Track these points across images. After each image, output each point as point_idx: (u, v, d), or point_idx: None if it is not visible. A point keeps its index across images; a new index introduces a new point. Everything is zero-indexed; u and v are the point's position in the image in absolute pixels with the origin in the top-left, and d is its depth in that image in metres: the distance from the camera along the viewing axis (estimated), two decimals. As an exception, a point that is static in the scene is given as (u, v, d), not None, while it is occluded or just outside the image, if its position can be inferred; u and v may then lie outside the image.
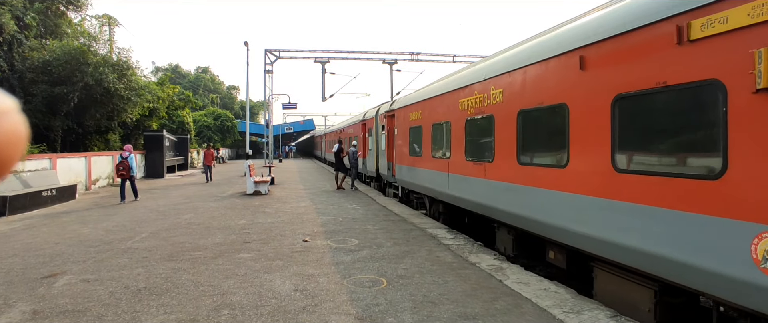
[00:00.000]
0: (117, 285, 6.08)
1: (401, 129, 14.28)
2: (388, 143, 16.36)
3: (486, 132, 8.25)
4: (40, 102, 19.18)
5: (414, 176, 12.85)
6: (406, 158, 13.65)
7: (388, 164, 16.38)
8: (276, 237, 9.14)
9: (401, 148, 14.23)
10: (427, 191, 11.90)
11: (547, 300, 5.45)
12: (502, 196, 7.61)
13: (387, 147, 16.52)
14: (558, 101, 6.08)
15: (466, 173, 9.01)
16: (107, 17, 26.55)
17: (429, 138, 11.39)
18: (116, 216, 12.12)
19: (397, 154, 14.83)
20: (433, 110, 11.12)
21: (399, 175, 14.70)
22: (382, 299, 5.46)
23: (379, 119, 18.23)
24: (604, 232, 5.21)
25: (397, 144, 14.89)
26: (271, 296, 5.58)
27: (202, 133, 48.33)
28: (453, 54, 31.30)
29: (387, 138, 16.45)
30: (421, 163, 12.07)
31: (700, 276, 4.04)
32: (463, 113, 9.17)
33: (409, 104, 13.46)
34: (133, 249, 8.15)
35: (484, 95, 8.29)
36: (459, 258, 7.46)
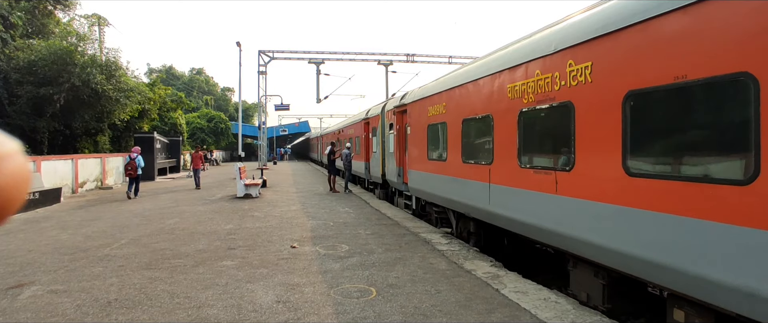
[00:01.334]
0: (86, 297, 5.66)
1: (416, 127, 11.60)
2: (397, 144, 13.68)
3: (557, 127, 5.87)
4: (25, 103, 18.72)
5: (434, 185, 10.24)
6: (422, 162, 11.03)
7: (398, 170, 13.63)
8: (263, 243, 8.73)
9: (416, 150, 11.60)
10: (453, 204, 9.32)
11: (547, 311, 5.09)
12: (590, 223, 5.12)
13: (396, 149, 13.75)
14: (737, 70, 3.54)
15: (521, 184, 6.52)
16: (96, 17, 26.07)
17: (457, 137, 8.82)
18: (98, 221, 11.67)
19: (411, 157, 12.08)
20: (464, 100, 8.55)
21: (413, 183, 11.91)
22: (371, 311, 5.07)
23: (386, 116, 15.38)
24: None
25: (410, 145, 12.20)
26: (251, 309, 5.19)
27: (195, 135, 47.80)
28: (449, 55, 30.98)
29: (396, 138, 13.78)
30: (446, 169, 9.46)
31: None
32: (515, 103, 6.65)
33: (426, 95, 10.73)
34: (110, 257, 7.73)
35: (552, 74, 5.82)
36: (454, 265, 7.08)
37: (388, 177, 15.28)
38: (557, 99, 5.77)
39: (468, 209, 8.45)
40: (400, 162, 13.58)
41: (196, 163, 21.50)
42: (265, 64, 29.91)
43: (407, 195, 13.18)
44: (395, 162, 13.96)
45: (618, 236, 4.70)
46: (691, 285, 3.91)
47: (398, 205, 14.50)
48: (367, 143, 19.12)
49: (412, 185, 12.00)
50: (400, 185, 13.71)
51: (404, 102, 12.71)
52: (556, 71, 5.79)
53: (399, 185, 13.79)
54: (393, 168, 14.36)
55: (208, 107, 62.55)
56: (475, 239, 8.83)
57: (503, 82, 7.05)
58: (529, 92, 6.36)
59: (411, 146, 12.09)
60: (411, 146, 12.09)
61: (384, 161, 15.96)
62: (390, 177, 15.02)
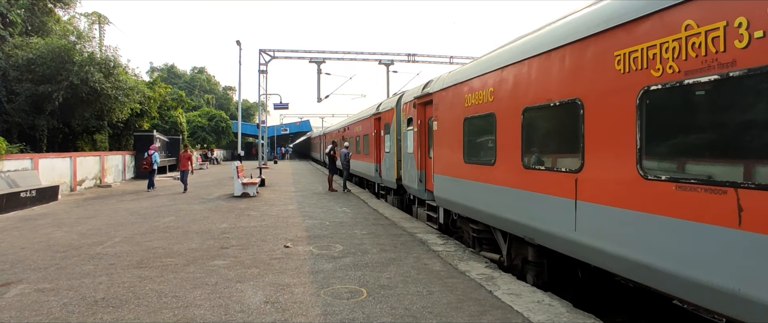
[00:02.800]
0: (73, 295, 5.59)
1: (446, 121, 9.16)
2: (418, 143, 11.11)
3: (728, 115, 3.64)
4: (23, 101, 18.68)
5: (473, 196, 7.82)
6: (455, 165, 8.63)
7: (419, 174, 11.08)
8: (256, 243, 8.66)
9: (445, 150, 9.22)
10: (504, 224, 6.86)
11: (540, 314, 4.99)
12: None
13: (417, 149, 11.18)
14: None
15: (643, 205, 4.25)
16: (96, 15, 26.03)
17: (513, 133, 6.45)
18: (94, 219, 11.61)
19: (438, 159, 9.64)
20: (528, 82, 6.16)
21: (440, 191, 9.48)
22: (360, 313, 4.98)
23: (403, 110, 12.90)
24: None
25: (436, 144, 9.72)
26: (238, 309, 5.10)
27: (196, 133, 47.78)
28: (450, 55, 30.87)
29: (417, 136, 11.16)
30: (494, 176, 7.04)
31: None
32: (630, 78, 4.41)
33: (462, 80, 8.34)
34: (102, 255, 7.66)
35: (706, 33, 3.61)
36: (448, 266, 6.99)
37: (406, 182, 12.60)
38: (735, 65, 3.37)
39: (533, 233, 6.02)
40: (421, 165, 11.02)
41: (183, 164, 19.06)
42: (266, 64, 29.83)
43: (430, 205, 10.71)
44: (415, 165, 11.37)
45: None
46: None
47: (418, 217, 11.93)
48: (378, 142, 16.63)
49: (440, 194, 9.53)
50: (421, 193, 11.11)
51: (431, 90, 10.02)
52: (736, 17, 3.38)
53: (420, 192, 11.17)
54: (412, 172, 11.71)
55: (210, 106, 62.58)
56: (535, 271, 6.54)
57: (608, 48, 4.72)
58: (669, 57, 3.96)
59: (438, 146, 9.61)
60: (438, 146, 9.61)
61: (400, 162, 13.52)
62: (408, 183, 12.30)
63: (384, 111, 15.58)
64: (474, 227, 8.22)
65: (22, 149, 17.05)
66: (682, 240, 3.83)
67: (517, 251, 7.08)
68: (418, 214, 12.00)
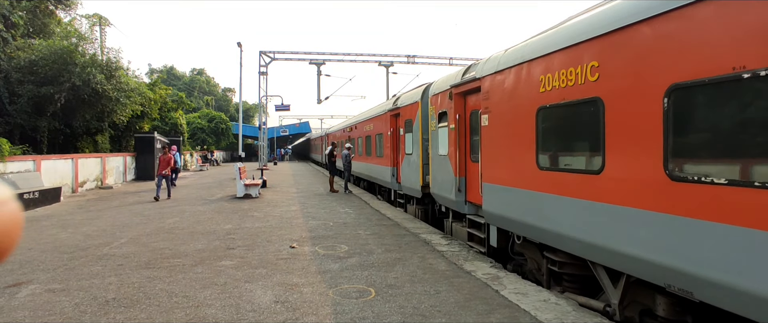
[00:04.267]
0: (84, 295, 5.65)
1: (505, 113, 7.02)
2: (456, 143, 8.96)
3: None
4: (25, 103, 18.69)
5: (556, 216, 5.77)
6: (521, 172, 6.57)
7: (457, 181, 8.96)
8: (262, 243, 8.72)
9: (504, 151, 7.10)
10: (622, 262, 4.75)
11: (547, 313, 5.06)
12: None
13: (454, 151, 9.06)
14: None
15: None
16: (98, 16, 26.08)
17: (650, 125, 4.35)
18: (98, 220, 11.66)
19: (490, 163, 7.52)
20: (684, 44, 4.06)
21: (493, 205, 7.38)
22: (369, 312, 5.05)
23: (431, 103, 10.61)
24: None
25: (487, 144, 7.59)
26: (250, 308, 5.17)
27: (195, 135, 47.81)
28: (449, 56, 30.99)
29: (454, 135, 9.03)
30: (599, 188, 5.07)
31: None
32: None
33: (535, 56, 6.21)
34: (109, 256, 7.71)
35: None
36: (453, 266, 7.06)
37: (435, 191, 10.35)
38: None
39: (687, 282, 3.95)
40: (460, 170, 8.91)
41: (161, 167, 16.15)
42: (266, 65, 29.91)
43: (472, 220, 8.66)
44: (451, 170, 9.21)
45: None
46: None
47: (455, 234, 9.54)
48: (396, 143, 14.45)
49: (492, 209, 7.40)
50: (458, 205, 9.01)
51: (474, 75, 8.00)
52: None
53: (457, 204, 9.04)
54: (446, 179, 9.50)
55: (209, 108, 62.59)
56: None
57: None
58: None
59: (490, 146, 7.49)
60: (490, 146, 7.49)
61: (426, 166, 11.33)
62: (439, 191, 10.09)
63: (404, 106, 13.30)
64: (553, 257, 6.01)
65: (25, 150, 17.08)
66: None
67: (634, 297, 5.04)
68: (454, 231, 9.59)
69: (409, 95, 13.31)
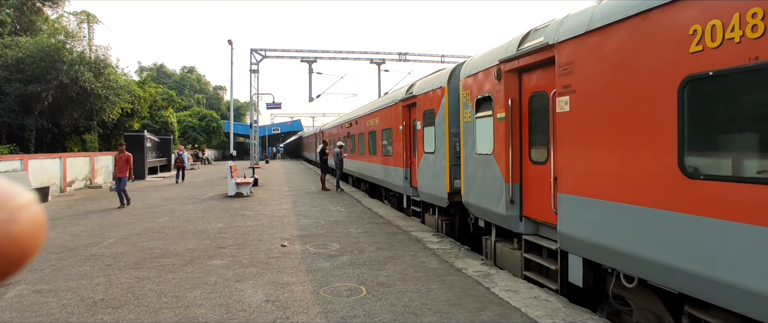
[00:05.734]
0: (72, 296, 5.58)
1: (607, 93, 4.81)
2: (508, 138, 6.71)
3: None
4: (12, 101, 18.46)
5: (722, 254, 3.61)
6: (636, 181, 4.45)
7: (508, 189, 6.73)
8: (253, 242, 8.67)
9: (599, 149, 4.96)
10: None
11: (538, 309, 5.09)
12: None
13: (504, 148, 6.80)
14: None
15: None
16: (86, 14, 25.75)
17: None
18: (87, 220, 11.54)
19: (574, 167, 5.35)
20: None
21: (573, 225, 5.30)
22: (360, 310, 5.05)
23: (464, 86, 8.30)
24: None
25: (570, 140, 5.40)
26: (240, 308, 5.14)
27: (186, 133, 47.49)
28: (441, 54, 30.99)
29: (505, 127, 6.76)
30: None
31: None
32: None
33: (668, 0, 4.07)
34: (98, 256, 7.63)
35: None
36: (445, 264, 7.07)
37: (472, 200, 8.01)
38: None
39: None
40: (514, 175, 6.66)
41: (120, 168, 13.94)
42: (257, 63, 29.74)
43: (531, 241, 6.43)
44: (499, 173, 6.93)
45: None
46: None
47: (502, 259, 7.25)
48: (409, 139, 12.26)
49: (576, 232, 5.24)
50: (511, 222, 6.72)
51: (546, 42, 5.77)
52: None
53: (509, 220, 6.74)
54: (491, 185, 7.24)
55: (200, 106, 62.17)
56: None
57: None
58: None
59: (572, 141, 5.36)
60: (572, 141, 5.36)
61: (455, 168, 9.06)
62: (478, 201, 7.76)
63: (423, 93, 10.80)
64: (705, 318, 3.99)
65: (12, 149, 16.85)
66: None
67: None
68: (500, 254, 7.31)
69: (429, 80, 10.74)
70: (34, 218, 0.50)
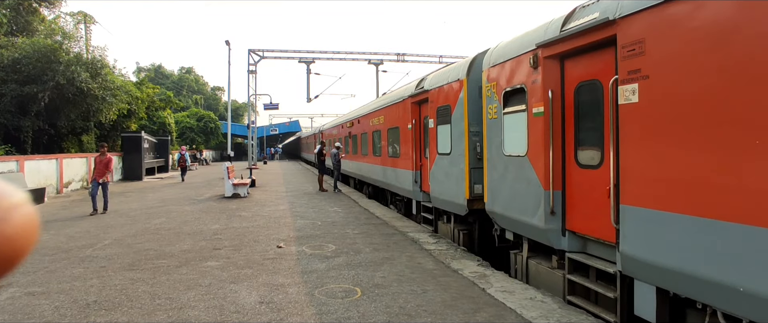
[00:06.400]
0: (65, 298, 5.54)
1: (701, 78, 3.72)
2: (547, 136, 5.66)
3: None
4: (8, 102, 18.39)
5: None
6: (757, 191, 3.29)
7: (547, 197, 5.70)
8: (249, 243, 8.64)
9: (688, 150, 3.83)
10: None
11: (533, 310, 5.07)
12: None
13: (544, 149, 5.72)
14: None
15: None
16: (83, 14, 25.69)
17: None
18: (82, 221, 11.48)
19: (641, 171, 4.26)
20: None
21: (646, 247, 4.20)
22: (355, 312, 5.02)
23: (488, 78, 7.26)
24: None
25: (637, 137, 4.30)
26: (234, 310, 5.10)
27: (184, 134, 47.39)
28: (439, 55, 30.98)
29: (542, 124, 5.75)
30: None
31: None
32: None
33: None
34: (92, 258, 7.59)
35: None
36: (441, 265, 7.05)
37: (499, 209, 6.97)
38: None
39: None
40: (554, 180, 5.61)
41: (98, 172, 12.59)
42: (255, 64, 29.70)
43: (579, 263, 5.40)
44: (536, 178, 5.91)
45: None
46: None
47: (536, 279, 6.27)
48: (419, 138, 11.21)
49: (649, 255, 4.21)
50: (551, 236, 5.71)
51: (610, 16, 4.62)
52: None
53: (549, 234, 5.72)
54: (525, 191, 6.20)
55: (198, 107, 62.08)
56: None
57: None
58: None
59: (644, 140, 4.28)
60: (644, 140, 4.28)
61: (476, 171, 8.11)
62: (507, 210, 6.73)
63: (436, 88, 9.64)
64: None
65: (8, 151, 16.78)
66: None
67: None
68: (534, 273, 6.30)
69: (444, 72, 9.59)
70: (27, 218, 0.50)
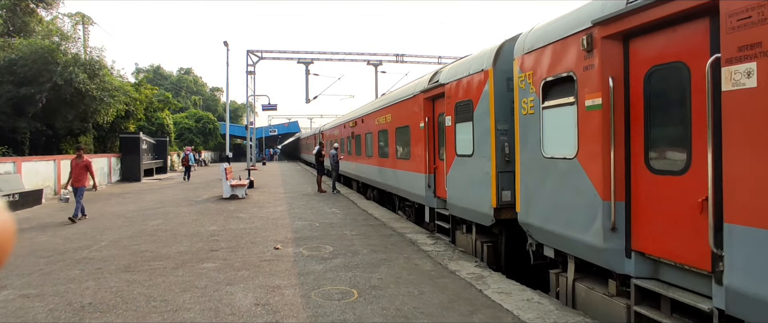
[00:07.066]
0: (59, 300, 5.50)
1: None
2: (607, 135, 4.59)
3: None
4: (5, 103, 18.33)
5: None
6: None
7: (606, 209, 4.61)
8: (246, 245, 8.60)
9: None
10: None
11: (530, 312, 5.04)
12: None
13: (603, 151, 4.63)
14: None
15: None
16: (80, 15, 25.64)
17: None
18: (80, 223, 11.44)
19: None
20: None
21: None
22: (351, 314, 4.99)
23: (521, 68, 6.22)
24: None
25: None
26: (229, 312, 5.07)
27: (183, 135, 47.33)
28: (438, 55, 31.01)
29: (600, 120, 4.67)
30: None
31: None
32: None
33: None
34: (88, 259, 7.55)
35: None
36: (438, 266, 7.02)
37: (533, 220, 6.03)
38: None
39: None
40: (617, 190, 4.60)
41: (77, 176, 11.94)
42: (254, 64, 29.67)
43: (648, 290, 4.38)
44: (591, 186, 4.85)
45: None
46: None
47: (585, 306, 5.20)
48: (433, 138, 10.04)
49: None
50: (612, 258, 4.65)
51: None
52: None
53: (609, 255, 4.66)
54: (574, 202, 5.18)
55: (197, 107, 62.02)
56: None
57: None
58: None
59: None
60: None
61: (505, 176, 6.98)
62: (548, 223, 5.70)
63: (453, 81, 8.54)
64: None
65: (5, 152, 16.72)
66: None
67: None
68: (588, 301, 5.17)
69: (465, 63, 8.37)
70: (2, 224, 0.49)
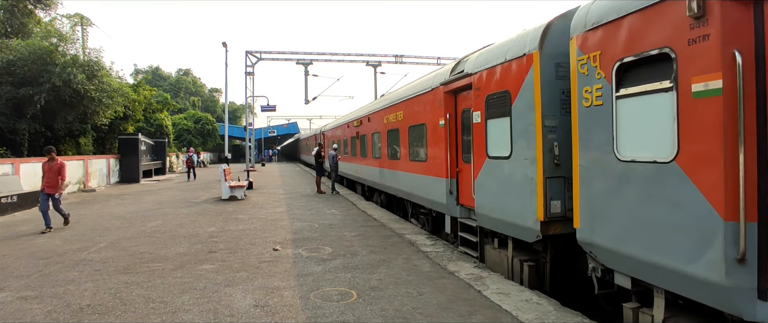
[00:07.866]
0: (58, 302, 5.49)
1: None
2: (735, 130, 3.29)
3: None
4: (3, 104, 18.29)
5: None
6: None
7: (730, 233, 3.35)
8: (245, 246, 8.59)
9: None
10: None
11: (529, 313, 5.04)
12: None
13: (729, 152, 3.34)
14: None
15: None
16: (79, 16, 25.63)
17: None
18: (78, 224, 11.42)
19: None
20: None
21: None
22: (350, 315, 4.98)
23: (582, 49, 4.88)
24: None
25: None
26: (228, 313, 5.06)
27: (181, 136, 47.29)
28: (437, 56, 31.03)
29: (720, 108, 3.37)
30: None
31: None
32: None
33: None
34: (87, 261, 7.54)
35: None
36: (437, 267, 7.02)
37: (604, 241, 4.69)
38: None
39: None
40: (745, 208, 3.25)
41: (48, 181, 10.70)
42: (253, 65, 29.65)
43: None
44: (706, 202, 3.53)
45: None
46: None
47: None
48: (454, 137, 8.70)
49: None
50: (735, 298, 3.34)
51: None
52: None
53: (732, 294, 3.35)
54: (663, 219, 3.94)
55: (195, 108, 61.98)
56: None
57: None
58: None
59: None
60: None
61: (554, 182, 5.77)
62: (622, 245, 4.45)
63: (483, 70, 7.15)
64: None
65: (3, 153, 16.68)
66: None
67: None
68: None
69: (497, 47, 6.97)
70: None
